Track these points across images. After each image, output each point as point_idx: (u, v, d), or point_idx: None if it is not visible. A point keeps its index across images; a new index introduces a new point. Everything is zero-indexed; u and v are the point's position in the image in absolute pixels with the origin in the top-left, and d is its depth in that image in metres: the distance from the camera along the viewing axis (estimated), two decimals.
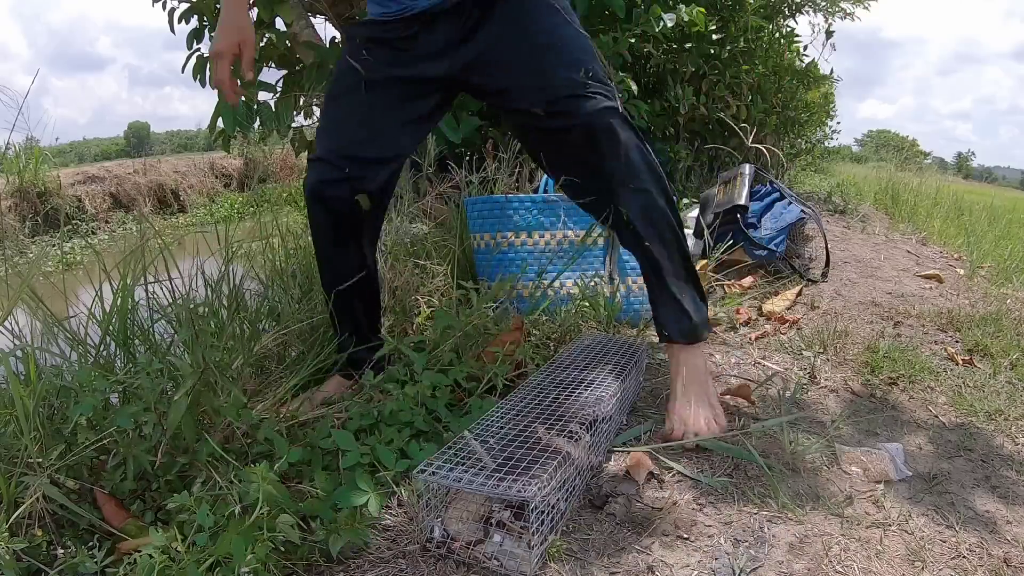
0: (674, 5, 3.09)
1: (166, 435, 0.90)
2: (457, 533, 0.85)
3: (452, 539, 0.85)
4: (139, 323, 1.26)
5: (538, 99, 1.09)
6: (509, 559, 0.81)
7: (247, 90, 2.62)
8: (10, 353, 0.98)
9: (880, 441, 1.22)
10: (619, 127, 1.09)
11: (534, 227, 1.71)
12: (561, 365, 1.19)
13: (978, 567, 0.89)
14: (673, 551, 0.88)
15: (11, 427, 0.88)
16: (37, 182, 5.42)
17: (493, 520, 0.86)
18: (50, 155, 6.10)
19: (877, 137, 38.60)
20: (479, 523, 0.86)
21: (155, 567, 0.70)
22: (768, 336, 1.75)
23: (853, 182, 6.57)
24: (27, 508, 0.80)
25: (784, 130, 5.65)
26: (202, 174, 7.42)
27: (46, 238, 4.96)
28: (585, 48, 1.11)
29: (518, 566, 0.81)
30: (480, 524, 0.86)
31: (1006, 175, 53.57)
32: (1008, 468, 1.17)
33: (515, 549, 0.82)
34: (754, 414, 1.28)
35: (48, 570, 0.77)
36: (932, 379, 1.53)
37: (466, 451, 0.88)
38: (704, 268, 2.08)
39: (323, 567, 0.84)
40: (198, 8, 2.70)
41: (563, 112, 1.08)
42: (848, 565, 0.87)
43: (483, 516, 0.87)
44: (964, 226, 4.28)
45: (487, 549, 0.83)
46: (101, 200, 6.08)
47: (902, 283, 2.42)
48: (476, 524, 0.86)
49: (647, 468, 1.04)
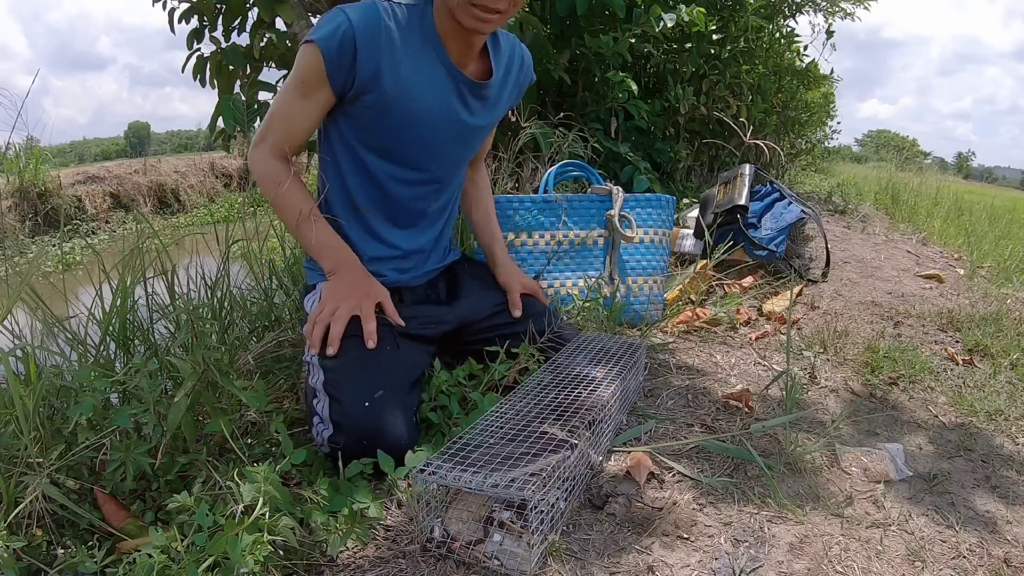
0: (674, 5, 3.09)
1: (166, 435, 0.90)
2: (457, 533, 0.85)
3: (452, 539, 0.84)
4: (139, 323, 1.26)
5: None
6: (509, 558, 0.81)
7: (247, 90, 2.62)
8: (10, 353, 0.98)
9: (880, 441, 1.22)
10: None
11: (534, 227, 1.71)
12: (562, 364, 1.18)
13: (978, 567, 0.89)
14: (673, 551, 0.88)
15: (11, 427, 0.88)
16: (37, 182, 5.42)
17: (494, 520, 0.86)
18: (50, 155, 6.10)
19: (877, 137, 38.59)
20: (479, 523, 0.86)
21: (155, 567, 0.70)
22: (768, 336, 1.75)
23: (853, 182, 6.58)
24: (27, 508, 0.80)
25: (784, 130, 5.66)
26: (202, 174, 7.41)
27: (46, 238, 4.96)
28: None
29: (518, 565, 0.81)
30: (480, 524, 0.86)
31: (1006, 175, 53.57)
32: (1008, 468, 1.17)
33: (515, 548, 0.82)
34: (754, 414, 1.28)
35: (48, 570, 0.77)
36: (932, 379, 1.53)
37: (466, 450, 0.87)
38: (704, 268, 2.08)
39: (323, 567, 0.84)
40: (198, 8, 2.70)
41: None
42: (848, 565, 0.87)
43: (483, 516, 0.87)
44: (964, 226, 4.28)
45: (487, 549, 0.83)
46: (101, 200, 6.08)
47: (902, 283, 2.42)
48: (476, 524, 0.86)
49: (647, 468, 1.04)
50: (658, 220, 1.82)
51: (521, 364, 1.21)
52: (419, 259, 1.26)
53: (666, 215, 1.84)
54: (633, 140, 3.31)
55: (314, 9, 2.24)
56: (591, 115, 3.04)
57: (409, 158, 1.16)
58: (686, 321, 1.78)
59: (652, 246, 1.80)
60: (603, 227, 1.74)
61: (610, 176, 2.86)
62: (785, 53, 5.15)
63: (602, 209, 1.74)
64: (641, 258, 1.78)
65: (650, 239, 1.79)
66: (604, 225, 1.74)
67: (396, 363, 1.08)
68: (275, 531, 0.77)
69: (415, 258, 1.26)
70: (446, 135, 1.16)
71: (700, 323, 1.79)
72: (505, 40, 1.23)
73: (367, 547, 0.87)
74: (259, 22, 2.54)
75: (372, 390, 1.01)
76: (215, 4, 2.66)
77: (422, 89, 1.09)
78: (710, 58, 3.79)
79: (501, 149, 2.18)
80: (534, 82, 1.33)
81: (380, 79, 1.06)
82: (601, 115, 3.05)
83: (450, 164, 1.22)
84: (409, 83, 1.08)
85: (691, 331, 1.76)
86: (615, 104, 3.03)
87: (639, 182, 2.86)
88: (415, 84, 1.09)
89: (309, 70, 1.05)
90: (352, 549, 0.86)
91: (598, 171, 1.98)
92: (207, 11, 2.69)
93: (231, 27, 2.70)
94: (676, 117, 3.63)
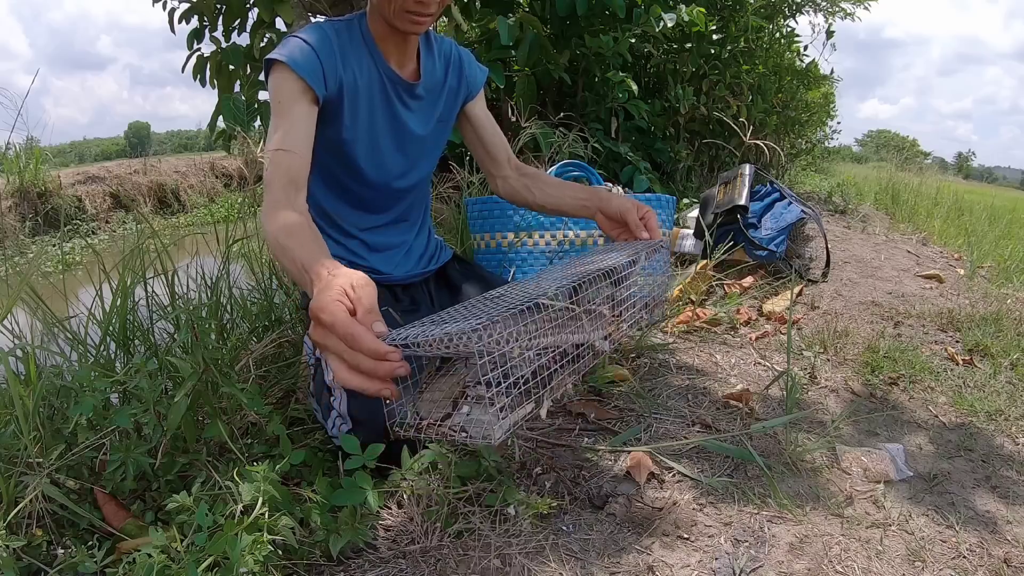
0: (674, 5, 3.10)
1: (166, 435, 0.90)
2: (427, 413, 0.79)
3: (421, 419, 0.78)
4: (139, 323, 1.26)
5: None
6: (475, 427, 0.74)
7: (247, 90, 2.62)
8: (10, 353, 0.98)
9: (880, 441, 1.22)
10: None
11: (534, 227, 1.71)
12: (574, 258, 1.10)
13: (978, 567, 0.89)
14: (673, 551, 0.88)
15: (11, 427, 0.88)
16: (37, 182, 5.41)
17: (468, 395, 0.80)
18: (50, 155, 6.09)
19: (877, 137, 38.58)
20: (450, 401, 0.80)
21: (155, 567, 0.70)
22: (768, 336, 1.75)
23: (853, 182, 6.57)
24: (27, 507, 0.80)
25: (784, 130, 5.66)
26: (202, 174, 7.41)
27: (46, 238, 4.95)
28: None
29: (483, 432, 0.73)
30: (451, 402, 0.80)
31: (1007, 175, 53.58)
32: (1008, 468, 1.17)
33: (482, 416, 0.75)
34: (754, 414, 1.28)
35: (48, 569, 0.77)
36: (932, 379, 1.53)
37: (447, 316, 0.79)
38: (704, 268, 2.08)
39: (323, 567, 0.84)
40: (198, 8, 2.71)
41: None
42: (848, 565, 0.87)
43: (456, 395, 0.81)
44: (964, 226, 4.28)
45: (454, 421, 0.77)
46: (101, 200, 6.07)
47: (902, 283, 2.42)
48: (447, 402, 0.80)
49: (647, 468, 1.04)
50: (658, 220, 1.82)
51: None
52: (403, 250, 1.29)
53: (666, 215, 1.84)
54: (633, 140, 3.31)
55: (314, 9, 2.24)
56: (591, 115, 3.04)
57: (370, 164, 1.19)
58: (686, 321, 1.78)
59: None
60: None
61: (610, 176, 2.86)
62: (785, 53, 5.15)
63: None
64: None
65: None
66: None
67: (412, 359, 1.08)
68: (275, 531, 0.77)
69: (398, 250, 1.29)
70: (388, 141, 1.20)
71: (700, 323, 1.79)
72: (438, 43, 1.28)
73: (367, 547, 0.87)
74: (259, 22, 2.54)
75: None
76: (215, 4, 2.66)
77: (364, 93, 1.15)
78: (710, 58, 3.80)
79: None
80: (487, 73, 1.37)
81: (342, 87, 1.11)
82: (601, 115, 3.05)
83: (394, 174, 1.23)
84: (353, 89, 1.13)
85: (691, 331, 1.76)
86: (615, 104, 3.03)
87: (639, 182, 2.86)
88: (357, 89, 1.14)
89: (286, 89, 1.06)
90: (352, 549, 0.86)
91: (598, 171, 1.98)
92: (207, 11, 2.70)
93: (231, 27, 2.70)
94: (676, 117, 3.63)
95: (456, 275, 1.38)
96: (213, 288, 1.41)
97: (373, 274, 1.24)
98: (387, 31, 1.14)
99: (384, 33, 1.15)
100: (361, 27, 1.16)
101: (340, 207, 1.23)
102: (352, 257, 1.24)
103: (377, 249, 1.26)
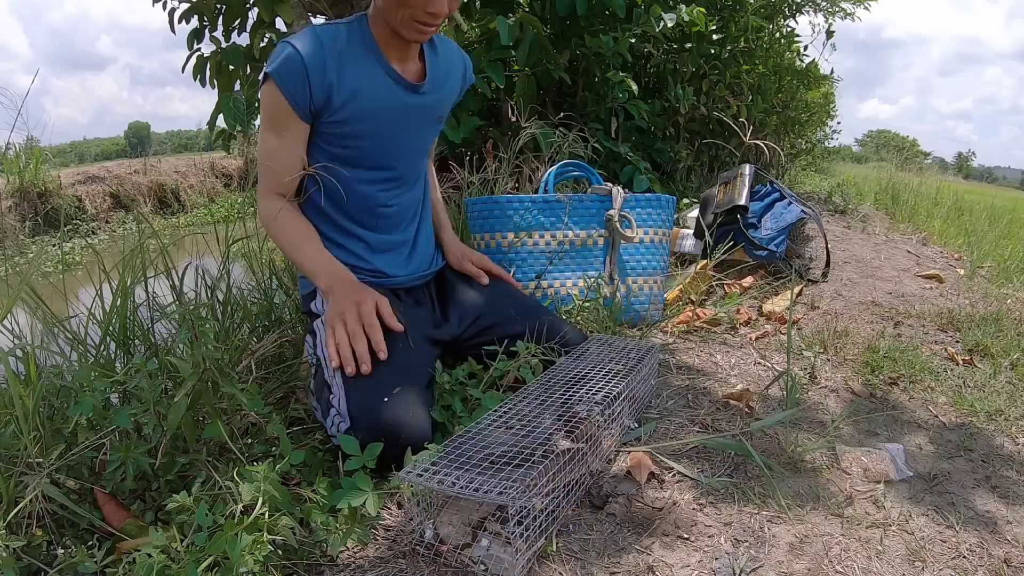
0: (674, 5, 3.10)
1: (166, 435, 0.90)
2: (447, 536, 0.84)
3: (441, 542, 0.84)
4: (139, 323, 1.26)
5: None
6: (495, 564, 0.81)
7: (247, 90, 2.62)
8: (10, 353, 0.98)
9: (880, 441, 1.22)
10: None
11: (534, 227, 1.71)
12: (569, 366, 1.17)
13: (978, 567, 0.89)
14: (673, 551, 0.88)
15: (11, 427, 0.88)
16: (37, 182, 5.41)
17: (487, 525, 0.85)
18: (50, 155, 6.09)
19: (877, 137, 38.60)
20: (469, 527, 0.85)
21: (154, 567, 0.70)
22: (768, 336, 1.75)
23: (853, 182, 6.57)
24: (27, 507, 0.80)
25: (784, 130, 5.66)
26: (202, 174, 7.40)
27: (46, 238, 4.95)
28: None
29: (503, 571, 0.80)
30: (469, 528, 0.85)
31: (1007, 175, 53.60)
32: (1008, 468, 1.17)
33: (502, 554, 0.81)
34: (754, 414, 1.28)
35: (48, 569, 0.77)
36: (932, 379, 1.53)
37: (463, 450, 0.87)
38: (704, 268, 2.08)
39: (323, 567, 0.84)
40: (198, 8, 2.70)
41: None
42: (848, 565, 0.87)
43: (476, 521, 0.86)
44: (964, 226, 4.28)
45: (474, 553, 0.82)
46: (101, 200, 6.07)
47: (902, 283, 2.42)
48: (466, 528, 0.85)
49: (647, 468, 1.04)
50: (658, 220, 1.82)
51: (522, 360, 1.21)
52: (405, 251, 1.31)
53: (666, 215, 1.84)
54: (633, 140, 3.31)
55: (314, 9, 2.23)
56: (591, 115, 3.04)
57: (374, 159, 1.22)
58: (686, 321, 1.78)
59: (652, 246, 1.80)
60: (603, 227, 1.74)
61: (610, 176, 2.86)
62: (785, 53, 5.15)
63: (602, 209, 1.74)
64: (641, 258, 1.78)
65: (650, 239, 1.79)
66: (604, 225, 1.74)
67: (412, 360, 1.10)
68: (275, 531, 0.77)
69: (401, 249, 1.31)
70: (401, 121, 1.22)
71: (700, 323, 1.79)
72: (443, 44, 1.30)
73: (367, 547, 0.87)
74: (259, 22, 2.54)
75: (391, 385, 1.02)
76: (215, 4, 2.66)
77: (369, 92, 1.16)
78: (710, 58, 3.80)
79: (501, 149, 2.18)
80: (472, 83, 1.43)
81: (333, 93, 1.13)
82: (601, 115, 3.05)
83: (412, 157, 1.28)
84: (356, 88, 1.15)
85: (691, 331, 1.76)
86: (615, 104, 3.03)
87: (639, 182, 2.86)
88: (361, 88, 1.15)
89: (275, 108, 1.13)
90: (352, 549, 0.86)
91: (598, 171, 1.98)
92: (207, 11, 2.70)
93: (231, 27, 2.70)
94: (676, 117, 3.63)
95: (453, 275, 1.39)
96: (213, 288, 1.41)
97: (377, 277, 1.25)
98: (390, 35, 1.16)
99: (387, 37, 1.17)
100: (362, 29, 1.17)
101: (342, 207, 1.23)
102: (355, 260, 1.24)
103: (379, 250, 1.27)
